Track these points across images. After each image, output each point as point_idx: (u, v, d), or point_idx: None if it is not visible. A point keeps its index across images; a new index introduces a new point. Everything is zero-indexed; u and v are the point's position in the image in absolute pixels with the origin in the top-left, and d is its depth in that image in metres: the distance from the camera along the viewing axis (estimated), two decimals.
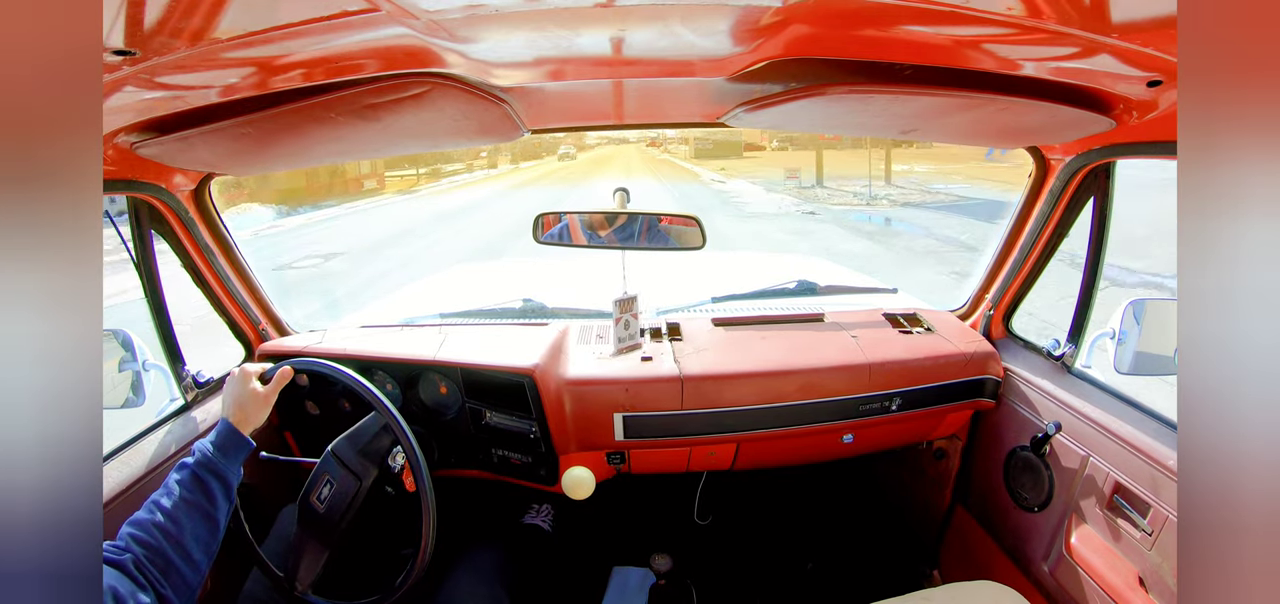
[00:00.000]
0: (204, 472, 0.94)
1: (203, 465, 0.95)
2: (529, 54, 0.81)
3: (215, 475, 0.95)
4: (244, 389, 1.07)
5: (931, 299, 1.79)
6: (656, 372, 1.35)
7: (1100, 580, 1.14)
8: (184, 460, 0.96)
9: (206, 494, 0.93)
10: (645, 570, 1.88)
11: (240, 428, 1.02)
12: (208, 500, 0.93)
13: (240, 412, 1.05)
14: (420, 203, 21.50)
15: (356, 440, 1.18)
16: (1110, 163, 1.21)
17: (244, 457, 1.02)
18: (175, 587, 0.84)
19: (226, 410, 1.05)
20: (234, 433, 1.01)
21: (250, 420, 1.05)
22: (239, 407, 1.05)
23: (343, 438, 1.19)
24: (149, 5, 0.54)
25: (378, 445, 1.19)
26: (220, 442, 0.99)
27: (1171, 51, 0.69)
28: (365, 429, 1.19)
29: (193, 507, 0.91)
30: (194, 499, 0.91)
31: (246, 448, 1.02)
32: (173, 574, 0.84)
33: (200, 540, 0.89)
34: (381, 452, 1.19)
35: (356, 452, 1.18)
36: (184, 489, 0.92)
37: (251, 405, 1.07)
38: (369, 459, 1.18)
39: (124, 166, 1.07)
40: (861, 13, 0.67)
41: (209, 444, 0.98)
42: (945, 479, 1.68)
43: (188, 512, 0.90)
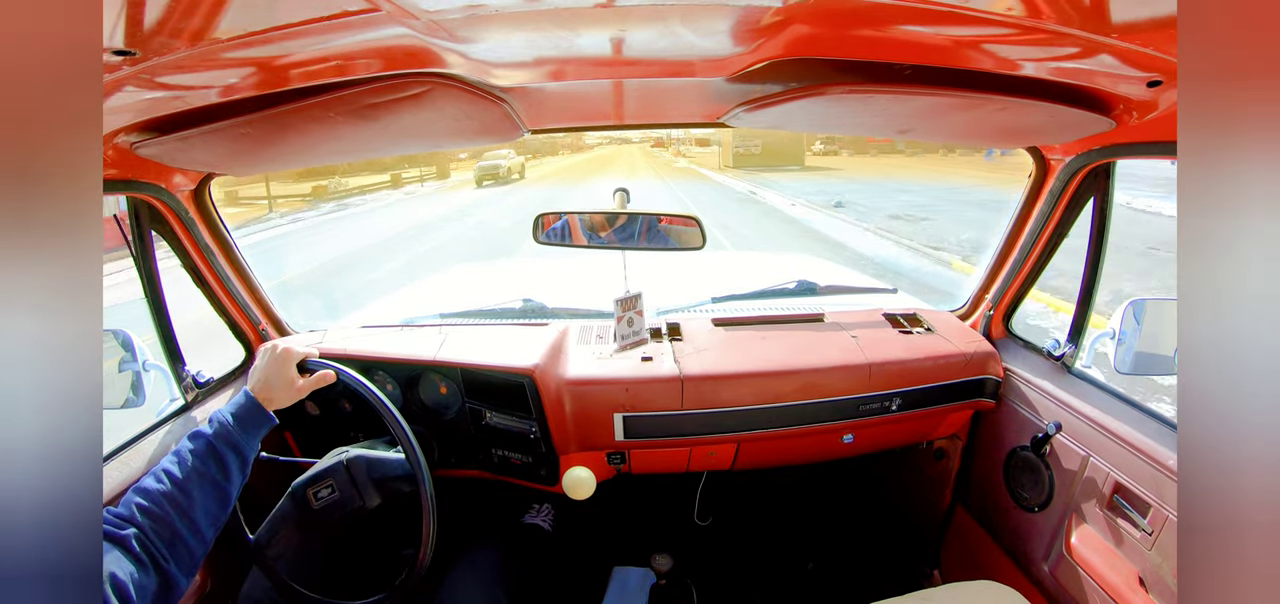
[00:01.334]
0: (221, 444, 0.90)
1: (221, 438, 0.91)
2: (529, 54, 0.81)
3: (233, 449, 0.91)
4: (280, 371, 1.04)
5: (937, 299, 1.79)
6: (656, 372, 1.35)
7: (1100, 580, 1.14)
8: (199, 430, 0.92)
9: (222, 467, 0.89)
10: (645, 570, 1.88)
11: (264, 404, 0.99)
12: (222, 474, 0.89)
13: (267, 389, 1.01)
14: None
15: (376, 469, 1.16)
16: (1110, 163, 1.21)
17: (264, 432, 0.98)
18: (179, 560, 0.80)
19: (253, 382, 1.02)
20: (258, 407, 0.97)
21: (274, 401, 1.02)
22: (267, 385, 1.02)
23: (362, 457, 1.16)
24: (149, 5, 0.53)
25: (396, 487, 1.17)
26: (241, 413, 0.95)
27: (1171, 51, 0.69)
28: (391, 465, 1.17)
29: (205, 479, 0.87)
30: (208, 470, 0.87)
31: (267, 424, 0.98)
32: (179, 547, 0.80)
33: (210, 514, 0.86)
34: (395, 491, 1.17)
35: (371, 478, 1.15)
36: (198, 460, 0.88)
37: (281, 389, 1.03)
38: (379, 490, 1.16)
39: (124, 166, 1.07)
40: (861, 13, 0.67)
41: (228, 415, 0.94)
42: (945, 479, 1.68)
43: (200, 483, 0.86)
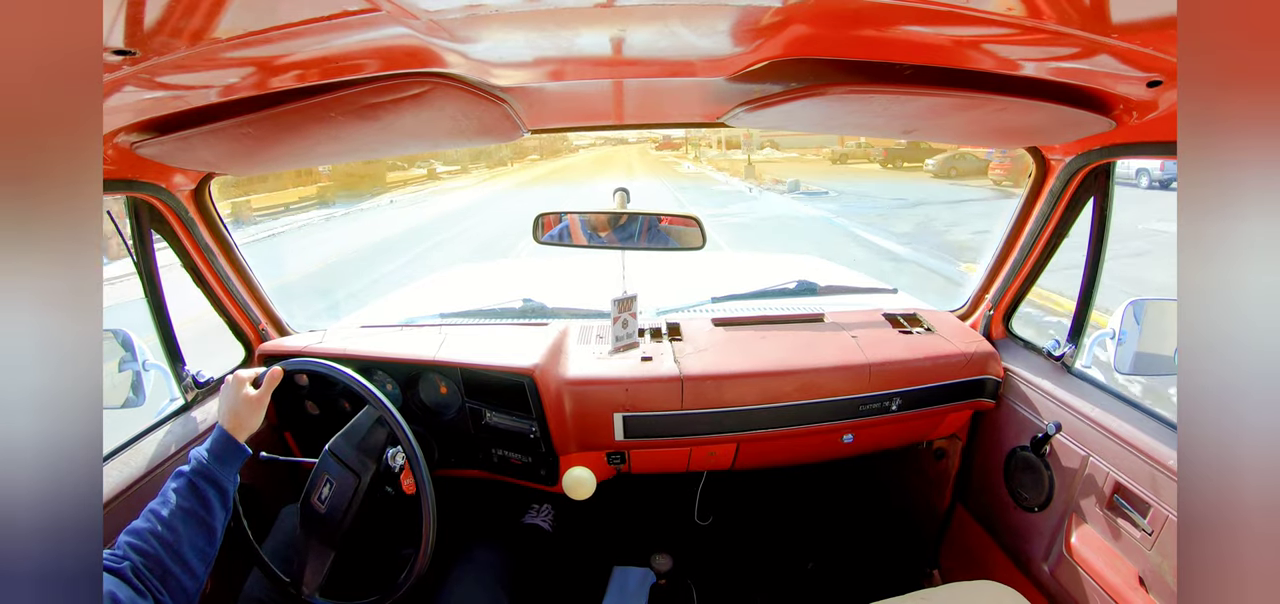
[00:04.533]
0: (200, 480, 0.94)
1: (199, 474, 0.95)
2: (529, 54, 0.81)
3: (211, 484, 0.95)
4: (236, 395, 1.07)
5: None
6: (656, 372, 1.35)
7: (1100, 580, 1.14)
8: (180, 469, 0.96)
9: (203, 503, 0.93)
10: (646, 570, 1.88)
11: (235, 434, 1.02)
12: (205, 509, 0.93)
13: (234, 418, 1.04)
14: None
15: (352, 436, 1.18)
16: (1110, 163, 1.21)
17: (240, 464, 1.01)
18: (173, 594, 0.84)
19: (221, 417, 1.05)
20: (229, 440, 1.01)
21: (245, 426, 1.05)
22: (233, 413, 1.05)
23: (339, 436, 1.19)
24: (149, 5, 0.53)
25: (374, 440, 1.18)
26: (215, 450, 0.99)
27: (1171, 52, 0.69)
28: (360, 425, 1.19)
29: (189, 515, 0.91)
30: (190, 508, 0.91)
31: (242, 455, 1.02)
32: (171, 582, 0.85)
33: (197, 549, 0.89)
34: (378, 446, 1.19)
35: (353, 447, 1.18)
36: (180, 498, 0.91)
37: (245, 411, 1.06)
38: (366, 455, 1.18)
39: (124, 166, 1.07)
40: (861, 13, 0.67)
41: (205, 452, 0.98)
42: (945, 479, 1.68)
43: (185, 520, 0.90)
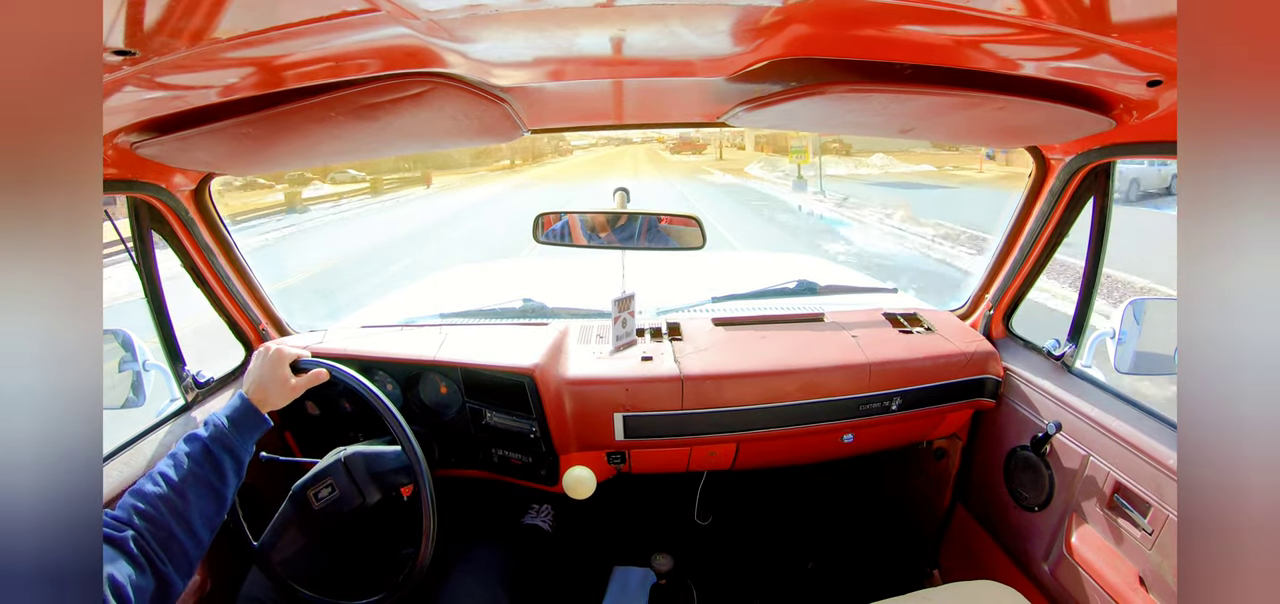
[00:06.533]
0: (216, 446, 0.91)
1: (216, 440, 0.92)
2: (529, 54, 0.81)
3: (228, 451, 0.92)
4: (273, 371, 1.04)
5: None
6: (657, 371, 1.35)
7: (1100, 580, 1.14)
8: (195, 432, 0.93)
9: (217, 470, 0.90)
10: (646, 570, 1.88)
11: (259, 406, 0.99)
12: (218, 476, 0.90)
13: (261, 391, 1.02)
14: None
15: (373, 464, 1.16)
16: (1110, 163, 1.21)
17: (259, 434, 0.98)
18: (176, 562, 0.81)
19: (247, 385, 1.02)
20: (251, 409, 0.98)
21: (269, 402, 1.02)
22: (261, 386, 1.02)
23: (360, 453, 1.17)
24: (149, 5, 0.53)
25: (393, 478, 1.17)
26: (235, 417, 0.96)
27: (1171, 51, 0.69)
28: (387, 459, 1.17)
29: (201, 481, 0.87)
30: (203, 474, 0.88)
31: (263, 426, 0.99)
32: (174, 549, 0.81)
33: (205, 517, 0.86)
34: (393, 483, 1.18)
35: (369, 473, 1.16)
36: (193, 463, 0.88)
37: (274, 390, 1.03)
38: (378, 485, 1.17)
39: (124, 166, 1.07)
40: (861, 12, 0.67)
41: (223, 418, 0.95)
42: (945, 479, 1.68)
43: (196, 486, 0.87)
